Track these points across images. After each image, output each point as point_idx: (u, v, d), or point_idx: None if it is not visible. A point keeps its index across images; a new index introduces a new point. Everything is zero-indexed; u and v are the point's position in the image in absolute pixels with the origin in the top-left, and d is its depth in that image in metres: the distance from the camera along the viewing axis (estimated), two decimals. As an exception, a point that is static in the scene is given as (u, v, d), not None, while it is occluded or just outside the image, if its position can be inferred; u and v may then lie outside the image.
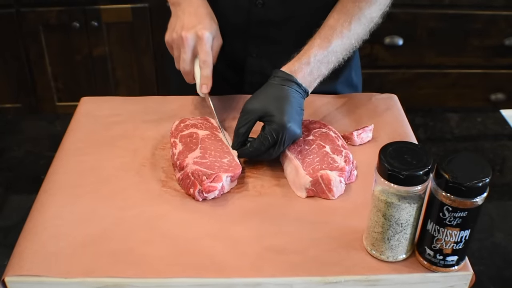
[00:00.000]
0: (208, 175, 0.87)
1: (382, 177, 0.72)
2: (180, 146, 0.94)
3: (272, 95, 0.94)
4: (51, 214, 0.85)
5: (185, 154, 0.92)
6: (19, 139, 1.16)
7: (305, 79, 0.96)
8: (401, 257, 0.78)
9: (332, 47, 0.99)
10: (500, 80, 2.24)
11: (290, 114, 0.91)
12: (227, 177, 0.89)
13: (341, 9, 1.02)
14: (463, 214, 0.70)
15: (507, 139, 1.19)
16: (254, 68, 1.17)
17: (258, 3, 1.09)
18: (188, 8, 1.04)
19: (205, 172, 0.88)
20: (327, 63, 0.99)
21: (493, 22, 2.10)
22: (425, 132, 1.21)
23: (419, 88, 2.23)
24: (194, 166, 0.89)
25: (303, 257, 0.79)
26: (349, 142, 1.00)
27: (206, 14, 1.04)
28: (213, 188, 0.87)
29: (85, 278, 0.76)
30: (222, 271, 0.77)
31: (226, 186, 0.89)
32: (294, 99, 0.94)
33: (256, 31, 1.13)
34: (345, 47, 1.01)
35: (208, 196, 0.88)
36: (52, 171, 0.95)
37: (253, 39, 1.14)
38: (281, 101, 0.92)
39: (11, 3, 2.03)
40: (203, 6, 1.05)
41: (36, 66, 2.15)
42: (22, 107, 2.23)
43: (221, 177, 0.88)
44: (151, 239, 0.81)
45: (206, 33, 1.00)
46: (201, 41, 1.00)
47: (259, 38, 1.14)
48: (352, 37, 1.02)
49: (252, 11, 1.10)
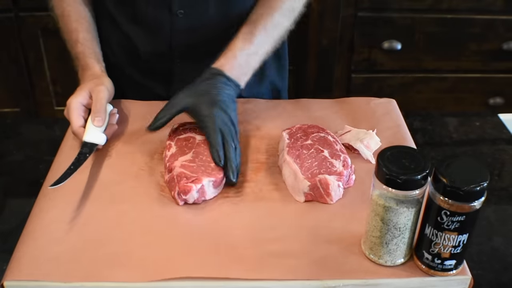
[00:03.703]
0: (189, 177, 0.87)
1: (380, 182, 0.72)
2: (174, 149, 0.94)
3: (199, 88, 0.95)
4: (50, 218, 0.85)
5: (176, 157, 0.92)
6: (18, 143, 1.16)
7: (233, 72, 0.98)
8: (399, 262, 0.78)
9: (257, 40, 1.02)
10: (499, 84, 2.24)
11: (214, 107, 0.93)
12: (209, 181, 0.88)
13: (264, 3, 1.06)
14: (461, 218, 0.70)
15: (505, 143, 1.19)
16: (182, 77, 1.16)
17: (179, 13, 1.10)
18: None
19: (187, 174, 0.88)
20: (255, 55, 1.02)
21: (491, 27, 2.10)
22: (424, 136, 1.21)
23: (417, 93, 2.24)
24: (180, 169, 0.89)
25: (301, 262, 0.79)
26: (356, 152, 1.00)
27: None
28: (189, 188, 0.86)
29: (84, 282, 0.76)
30: (221, 274, 0.77)
31: (208, 191, 0.88)
32: (222, 90, 0.95)
33: (180, 40, 1.13)
34: (271, 38, 1.04)
35: (187, 199, 0.87)
36: (51, 175, 0.95)
37: (178, 49, 1.15)
38: (208, 93, 0.94)
39: (10, 8, 2.03)
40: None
41: (34, 71, 2.15)
42: (20, 111, 2.23)
43: (201, 179, 0.87)
44: (150, 243, 0.81)
45: (72, 101, 1.00)
46: (69, 110, 1.00)
47: (183, 47, 1.15)
48: (277, 28, 1.05)
49: (174, 22, 1.11)
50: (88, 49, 1.10)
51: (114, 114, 1.05)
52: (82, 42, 1.09)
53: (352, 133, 1.02)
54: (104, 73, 1.08)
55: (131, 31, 1.15)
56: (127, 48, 1.18)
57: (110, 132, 1.02)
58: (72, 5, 1.12)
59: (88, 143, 0.97)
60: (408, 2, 2.03)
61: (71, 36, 1.11)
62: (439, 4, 2.06)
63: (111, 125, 1.03)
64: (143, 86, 1.20)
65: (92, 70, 1.07)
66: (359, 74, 2.19)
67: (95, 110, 0.98)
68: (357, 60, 2.14)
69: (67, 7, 1.12)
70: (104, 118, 0.99)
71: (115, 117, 1.05)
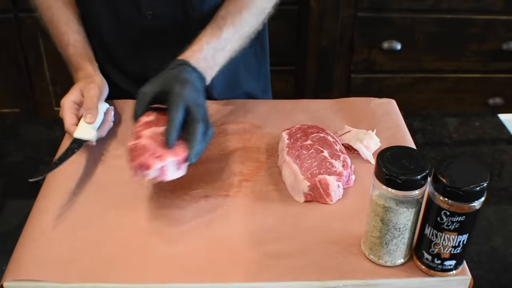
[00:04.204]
0: (154, 152, 0.82)
1: (380, 182, 0.72)
2: (151, 118, 0.90)
3: (165, 76, 0.93)
4: (49, 219, 0.85)
5: (150, 125, 0.88)
6: (18, 144, 1.16)
7: (199, 64, 0.96)
8: (399, 262, 0.78)
9: (224, 35, 1.01)
10: (498, 84, 2.24)
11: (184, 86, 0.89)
12: (173, 161, 0.83)
13: (233, 1, 1.05)
14: (461, 219, 0.70)
15: (505, 143, 1.19)
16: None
17: (148, 14, 1.10)
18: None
19: (154, 148, 0.83)
20: (222, 51, 1.01)
21: (491, 27, 2.10)
22: (423, 136, 1.21)
23: (417, 93, 2.24)
24: (148, 139, 0.84)
25: (301, 262, 0.79)
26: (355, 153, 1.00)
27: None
28: (150, 163, 0.80)
29: (83, 283, 0.76)
30: (220, 276, 0.77)
31: (169, 172, 0.83)
32: (189, 77, 0.92)
33: (150, 41, 1.14)
34: (239, 35, 1.03)
35: (145, 174, 0.81)
36: (50, 176, 0.95)
37: (149, 50, 1.15)
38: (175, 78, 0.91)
39: (10, 8, 2.03)
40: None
41: (34, 71, 2.15)
42: (20, 112, 2.23)
43: (165, 157, 0.82)
44: (149, 245, 0.81)
45: (65, 101, 1.00)
46: (62, 109, 1.00)
47: (153, 48, 1.15)
48: (245, 26, 1.04)
49: (143, 23, 1.11)
50: (80, 50, 1.10)
51: (109, 112, 1.05)
52: (73, 44, 1.10)
53: (352, 133, 1.02)
54: (96, 72, 1.08)
55: (106, 31, 1.16)
56: (104, 47, 1.18)
57: (105, 129, 1.02)
58: (60, 10, 1.13)
59: (78, 139, 0.97)
60: (408, 2, 2.03)
61: (62, 39, 1.11)
62: (439, 4, 2.06)
63: (106, 122, 1.02)
64: (118, 85, 1.19)
65: (85, 70, 1.07)
66: (359, 74, 2.19)
67: (86, 107, 0.99)
68: (357, 60, 2.14)
69: (56, 12, 1.12)
70: (95, 114, 0.99)
71: (111, 114, 1.05)
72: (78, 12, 1.16)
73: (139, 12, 1.10)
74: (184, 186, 0.92)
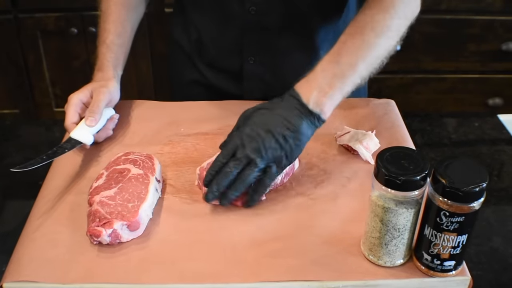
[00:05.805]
0: (101, 219, 0.80)
1: (379, 182, 0.72)
2: (102, 181, 0.88)
3: (265, 105, 0.91)
4: (49, 220, 0.85)
5: (99, 190, 0.85)
6: (17, 145, 1.16)
7: (328, 113, 0.91)
8: (398, 262, 0.78)
9: (344, 59, 0.92)
10: (498, 85, 2.24)
11: (267, 112, 0.89)
12: (122, 225, 0.80)
13: (355, 23, 0.97)
14: (460, 219, 0.70)
15: (504, 144, 1.19)
16: (253, 74, 1.17)
17: (251, 10, 1.09)
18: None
19: (101, 215, 0.81)
20: (342, 77, 0.92)
21: (490, 27, 2.10)
22: (423, 137, 1.21)
23: (416, 93, 2.24)
24: (97, 206, 0.82)
25: (300, 262, 0.79)
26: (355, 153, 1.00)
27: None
28: (98, 232, 0.79)
29: (83, 284, 0.76)
30: (219, 277, 0.77)
31: (123, 234, 0.81)
32: (291, 111, 0.88)
33: (251, 37, 1.13)
34: (363, 59, 0.95)
35: (99, 241, 0.80)
36: (50, 177, 0.95)
37: (249, 46, 1.15)
38: (271, 108, 0.89)
39: (9, 9, 2.03)
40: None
41: (34, 72, 2.15)
42: (20, 113, 2.23)
43: (112, 223, 0.80)
44: (148, 246, 0.81)
45: (73, 97, 1.01)
46: (67, 105, 1.01)
47: (254, 44, 1.14)
48: (373, 49, 0.98)
49: (245, 19, 1.11)
50: (111, 53, 1.09)
51: (112, 120, 1.04)
52: (108, 44, 1.09)
53: (351, 134, 1.02)
54: (114, 79, 1.07)
55: (203, 26, 1.16)
56: (198, 44, 1.18)
57: (102, 135, 1.01)
58: (116, 6, 1.12)
59: (73, 139, 0.96)
60: (407, 2, 2.03)
61: (102, 35, 1.11)
62: (438, 5, 2.06)
63: (105, 129, 1.02)
64: (213, 84, 1.19)
65: (104, 72, 1.07)
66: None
67: (90, 110, 0.98)
68: (356, 61, 2.14)
69: (112, 5, 1.12)
70: (98, 119, 0.98)
71: (113, 122, 1.04)
72: (136, 17, 1.16)
73: (243, 7, 1.10)
74: (184, 187, 0.92)
